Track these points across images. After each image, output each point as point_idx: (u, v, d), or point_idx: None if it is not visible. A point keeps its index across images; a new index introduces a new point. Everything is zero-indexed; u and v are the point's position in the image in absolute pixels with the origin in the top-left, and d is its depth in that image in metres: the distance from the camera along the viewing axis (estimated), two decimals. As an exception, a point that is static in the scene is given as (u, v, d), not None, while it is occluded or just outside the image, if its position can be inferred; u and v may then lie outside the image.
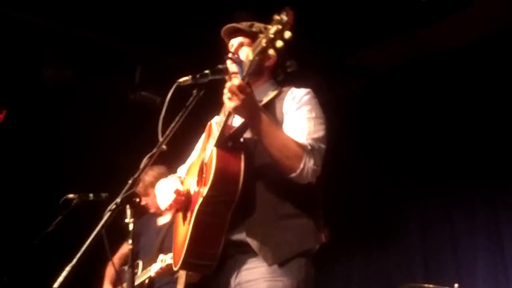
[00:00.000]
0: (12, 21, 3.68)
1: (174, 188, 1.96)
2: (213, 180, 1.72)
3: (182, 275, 1.96)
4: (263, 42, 1.61)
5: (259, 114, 1.73)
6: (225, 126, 1.82)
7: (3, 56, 3.74)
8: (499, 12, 3.38)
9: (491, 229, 3.44)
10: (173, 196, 1.94)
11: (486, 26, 3.45)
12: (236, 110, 1.70)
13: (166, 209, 2.00)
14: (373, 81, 3.99)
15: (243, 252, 1.79)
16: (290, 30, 1.57)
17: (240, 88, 1.67)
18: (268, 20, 2.09)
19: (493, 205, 3.47)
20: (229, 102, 1.70)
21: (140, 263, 3.09)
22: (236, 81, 1.68)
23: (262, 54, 1.64)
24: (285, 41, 1.58)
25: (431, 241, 3.71)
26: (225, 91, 1.71)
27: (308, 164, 1.75)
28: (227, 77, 1.87)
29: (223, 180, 1.74)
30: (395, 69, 3.89)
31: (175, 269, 1.92)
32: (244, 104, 1.68)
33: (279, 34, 1.58)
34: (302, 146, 1.76)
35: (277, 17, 1.59)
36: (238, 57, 1.80)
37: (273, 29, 1.59)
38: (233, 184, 1.75)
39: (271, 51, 1.61)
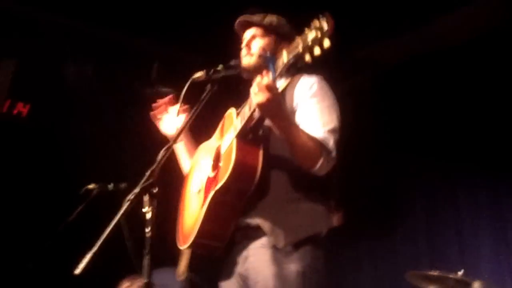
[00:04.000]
0: (35, 18, 3.81)
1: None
2: (232, 172, 1.76)
3: (186, 252, 1.99)
4: (300, 47, 1.60)
5: (282, 114, 1.76)
6: (250, 119, 1.83)
7: (26, 54, 3.88)
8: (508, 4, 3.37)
9: (495, 216, 3.45)
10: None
11: (495, 19, 3.44)
12: (260, 107, 1.72)
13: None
14: (382, 74, 4.03)
15: (250, 238, 1.83)
16: (329, 38, 1.55)
17: (269, 87, 1.68)
18: (280, 14, 2.15)
19: (497, 191, 3.48)
20: (255, 97, 1.71)
21: None
22: (266, 79, 1.69)
23: (297, 59, 1.63)
24: (323, 50, 1.56)
25: (436, 227, 3.73)
26: (254, 86, 1.72)
27: (326, 159, 1.79)
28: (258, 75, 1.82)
29: (240, 172, 1.78)
30: (403, 63, 3.91)
31: (182, 247, 1.96)
32: (269, 103, 1.69)
33: (317, 41, 1.56)
34: (319, 143, 1.79)
35: (317, 23, 1.57)
36: (271, 57, 1.80)
37: (311, 35, 1.57)
38: (250, 177, 1.79)
39: (307, 57, 1.59)
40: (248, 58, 2.03)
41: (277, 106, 1.74)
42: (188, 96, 2.04)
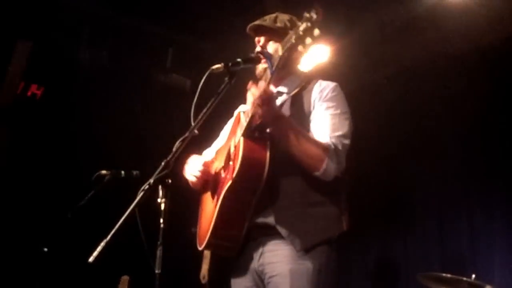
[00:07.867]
0: (51, 2, 3.80)
1: (202, 161, 2.05)
2: (240, 168, 1.80)
3: (207, 255, 2.04)
4: (293, 39, 1.68)
5: (280, 119, 1.81)
6: (253, 117, 1.86)
7: (43, 38, 3.87)
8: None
9: (508, 221, 3.41)
10: (201, 167, 2.03)
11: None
12: (259, 117, 1.79)
13: (194, 182, 2.07)
14: (398, 72, 3.98)
15: (267, 235, 1.85)
16: (319, 28, 1.63)
17: (263, 100, 1.74)
18: (298, 8, 2.12)
19: (510, 196, 3.43)
20: (252, 108, 1.77)
21: None
22: (260, 91, 1.75)
23: (291, 50, 1.71)
24: (314, 39, 1.64)
25: (449, 231, 3.70)
26: (249, 95, 1.78)
27: (330, 164, 1.81)
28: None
29: (249, 169, 1.81)
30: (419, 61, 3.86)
31: (200, 248, 2.00)
32: (266, 113, 1.76)
33: (308, 32, 1.64)
34: (324, 147, 1.81)
35: (307, 14, 1.66)
36: (267, 52, 1.87)
37: (302, 26, 1.65)
38: (258, 173, 1.81)
39: (300, 47, 1.67)
40: (263, 62, 2.01)
41: (275, 112, 1.79)
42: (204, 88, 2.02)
